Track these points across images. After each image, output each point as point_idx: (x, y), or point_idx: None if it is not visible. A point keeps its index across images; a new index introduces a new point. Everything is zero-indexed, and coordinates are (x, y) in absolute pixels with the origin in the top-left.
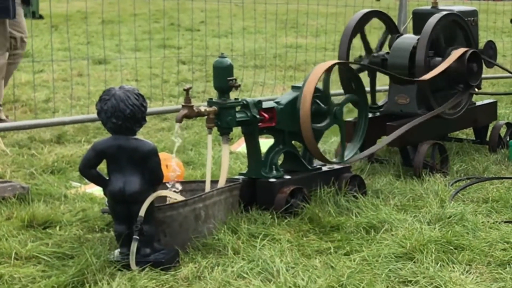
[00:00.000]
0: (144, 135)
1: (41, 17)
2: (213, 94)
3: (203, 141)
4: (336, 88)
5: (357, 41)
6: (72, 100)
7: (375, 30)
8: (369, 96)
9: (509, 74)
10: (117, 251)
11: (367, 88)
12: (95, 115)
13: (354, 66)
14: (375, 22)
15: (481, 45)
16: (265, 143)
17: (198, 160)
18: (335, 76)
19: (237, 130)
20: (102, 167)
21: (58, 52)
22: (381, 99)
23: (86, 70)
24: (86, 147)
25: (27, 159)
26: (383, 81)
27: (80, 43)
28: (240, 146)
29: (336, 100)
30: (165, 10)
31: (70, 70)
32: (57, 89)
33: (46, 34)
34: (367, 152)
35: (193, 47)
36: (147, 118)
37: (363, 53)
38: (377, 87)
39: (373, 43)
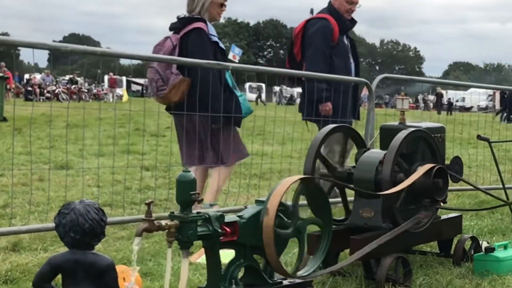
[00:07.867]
0: (103, 244)
1: (4, 119)
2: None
3: (163, 251)
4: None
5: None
6: (31, 206)
7: None
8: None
9: (473, 187)
10: None
11: (338, 199)
12: (52, 224)
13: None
14: None
15: (448, 156)
16: (226, 254)
17: (156, 271)
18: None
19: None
20: (58, 278)
21: (20, 156)
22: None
23: (47, 175)
24: (43, 256)
25: None
26: (348, 193)
27: (43, 147)
28: (200, 257)
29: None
30: (131, 115)
31: (31, 175)
32: (16, 194)
33: (9, 137)
34: (329, 269)
35: (158, 154)
36: (107, 226)
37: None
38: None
39: None
